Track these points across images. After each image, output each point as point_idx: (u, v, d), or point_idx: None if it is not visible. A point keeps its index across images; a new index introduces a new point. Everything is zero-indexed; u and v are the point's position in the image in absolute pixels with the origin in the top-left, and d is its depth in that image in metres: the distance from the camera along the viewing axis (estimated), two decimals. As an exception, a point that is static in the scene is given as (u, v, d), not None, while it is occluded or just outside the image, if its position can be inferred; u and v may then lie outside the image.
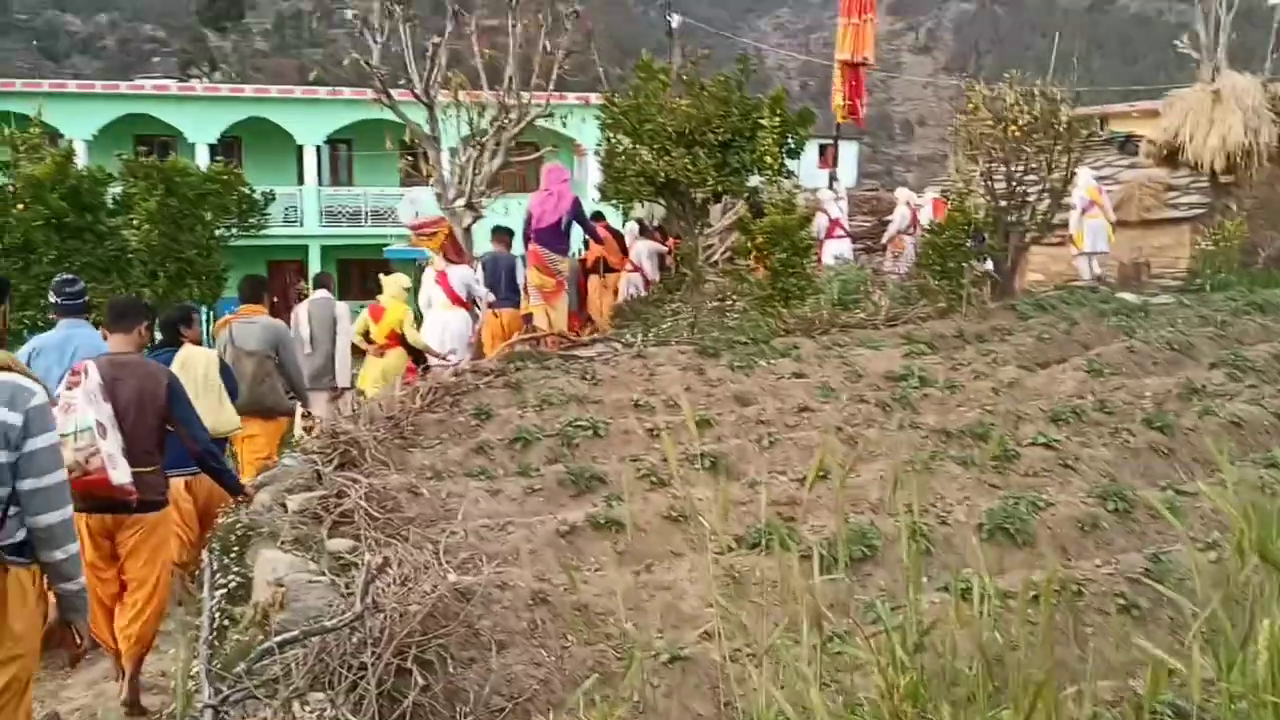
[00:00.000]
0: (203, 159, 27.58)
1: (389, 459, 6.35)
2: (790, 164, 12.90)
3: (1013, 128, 11.34)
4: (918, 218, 15.61)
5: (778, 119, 11.75)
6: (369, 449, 6.32)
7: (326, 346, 9.31)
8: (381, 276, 10.10)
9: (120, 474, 4.83)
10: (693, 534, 5.25)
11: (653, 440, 6.88)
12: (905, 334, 9.87)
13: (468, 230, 14.95)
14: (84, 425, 4.75)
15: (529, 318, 11.58)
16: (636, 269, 13.77)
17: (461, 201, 15.08)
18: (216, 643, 3.99)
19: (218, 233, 17.44)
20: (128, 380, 5.16)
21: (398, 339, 9.70)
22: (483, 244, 14.58)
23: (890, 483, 5.58)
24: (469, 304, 10.34)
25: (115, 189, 15.51)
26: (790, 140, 12.69)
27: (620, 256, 12.70)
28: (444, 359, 9.75)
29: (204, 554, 4.65)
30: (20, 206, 13.46)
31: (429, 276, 10.32)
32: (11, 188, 13.72)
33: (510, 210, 16.43)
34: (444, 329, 10.08)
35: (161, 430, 5.29)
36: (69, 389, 4.90)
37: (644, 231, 15.89)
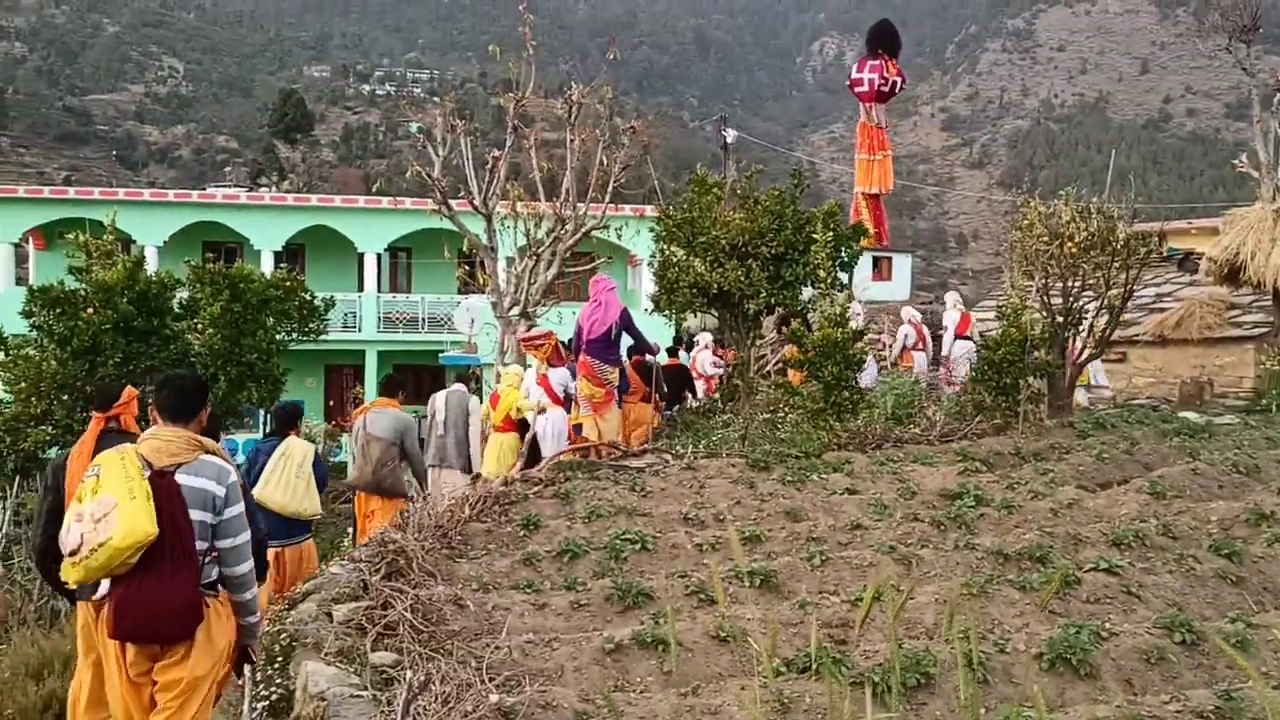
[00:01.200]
0: (267, 265, 28.30)
1: (436, 569, 6.31)
2: (843, 277, 12.97)
3: (1069, 244, 11.30)
4: (924, 334, 15.64)
5: (831, 233, 11.83)
6: (416, 558, 6.29)
7: (459, 431, 10.68)
8: (500, 368, 12.01)
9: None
10: (741, 655, 5.12)
11: (702, 555, 6.78)
12: (960, 450, 9.71)
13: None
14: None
15: (578, 428, 11.59)
16: (701, 377, 14.09)
17: (516, 310, 15.29)
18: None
19: (278, 337, 17.74)
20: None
21: (513, 424, 11.19)
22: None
23: (946, 607, 5.42)
24: (564, 402, 11.34)
25: (182, 294, 15.90)
26: (844, 253, 12.76)
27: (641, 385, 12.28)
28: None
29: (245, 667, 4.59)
30: (90, 310, 13.82)
31: (531, 378, 11.47)
32: (83, 292, 14.10)
33: (564, 319, 16.59)
34: (547, 423, 11.15)
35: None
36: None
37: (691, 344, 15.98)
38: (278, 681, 4.71)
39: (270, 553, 7.03)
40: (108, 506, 4.26)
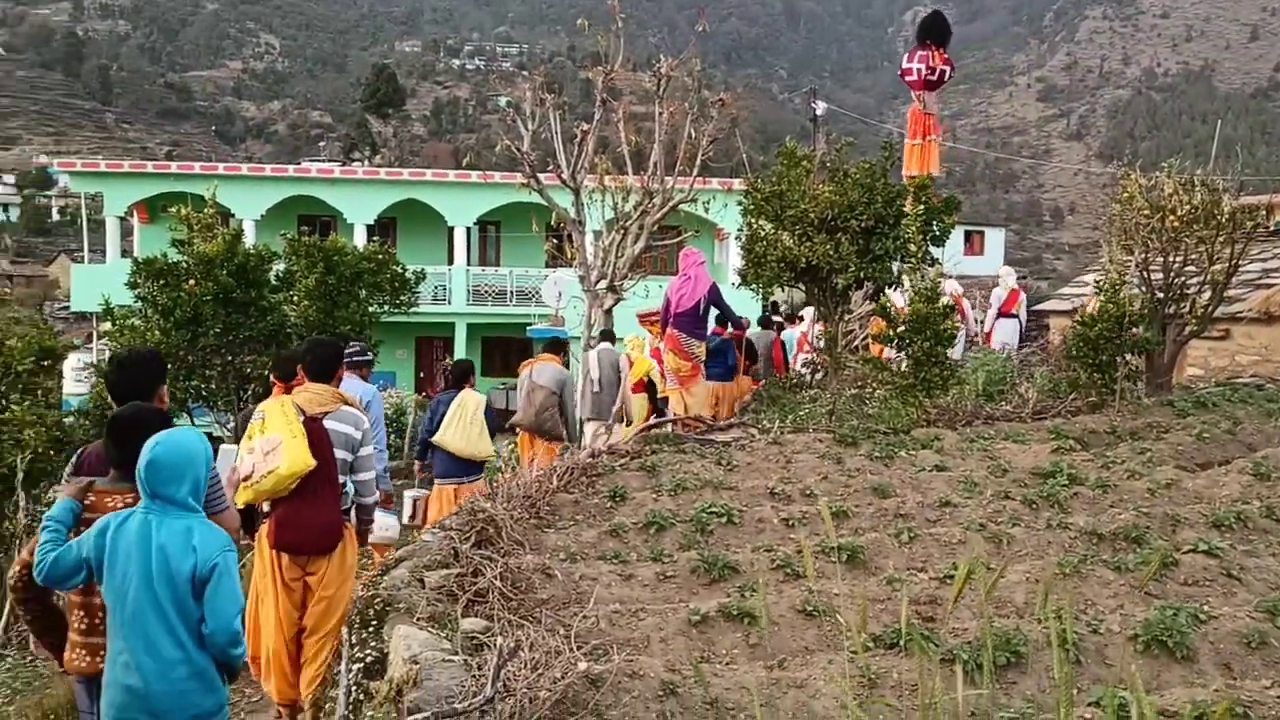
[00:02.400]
0: (360, 238, 28.82)
1: (524, 539, 6.41)
2: (934, 251, 12.75)
3: (1171, 218, 10.96)
4: (964, 308, 15.47)
5: (922, 206, 11.63)
6: (505, 528, 6.38)
7: (612, 389, 11.53)
8: (634, 337, 13.01)
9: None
10: (828, 630, 5.12)
11: (788, 530, 6.77)
12: (1054, 428, 9.52)
13: (609, 312, 15.18)
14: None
15: (665, 401, 11.63)
16: (813, 350, 14.22)
17: (604, 284, 15.35)
18: (352, 718, 4.04)
19: (371, 309, 18.09)
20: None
21: (643, 385, 12.50)
22: (622, 325, 14.78)
23: (1037, 586, 5.35)
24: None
25: (278, 266, 16.26)
26: (935, 227, 12.54)
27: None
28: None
29: (343, 629, 4.83)
30: (191, 282, 14.23)
31: (646, 349, 12.60)
32: (185, 264, 14.51)
33: (651, 293, 16.63)
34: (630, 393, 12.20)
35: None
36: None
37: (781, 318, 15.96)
38: (372, 644, 4.83)
39: (450, 489, 8.80)
40: (275, 443, 5.18)
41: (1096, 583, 5.53)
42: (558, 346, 11.39)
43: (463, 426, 8.90)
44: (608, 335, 12.48)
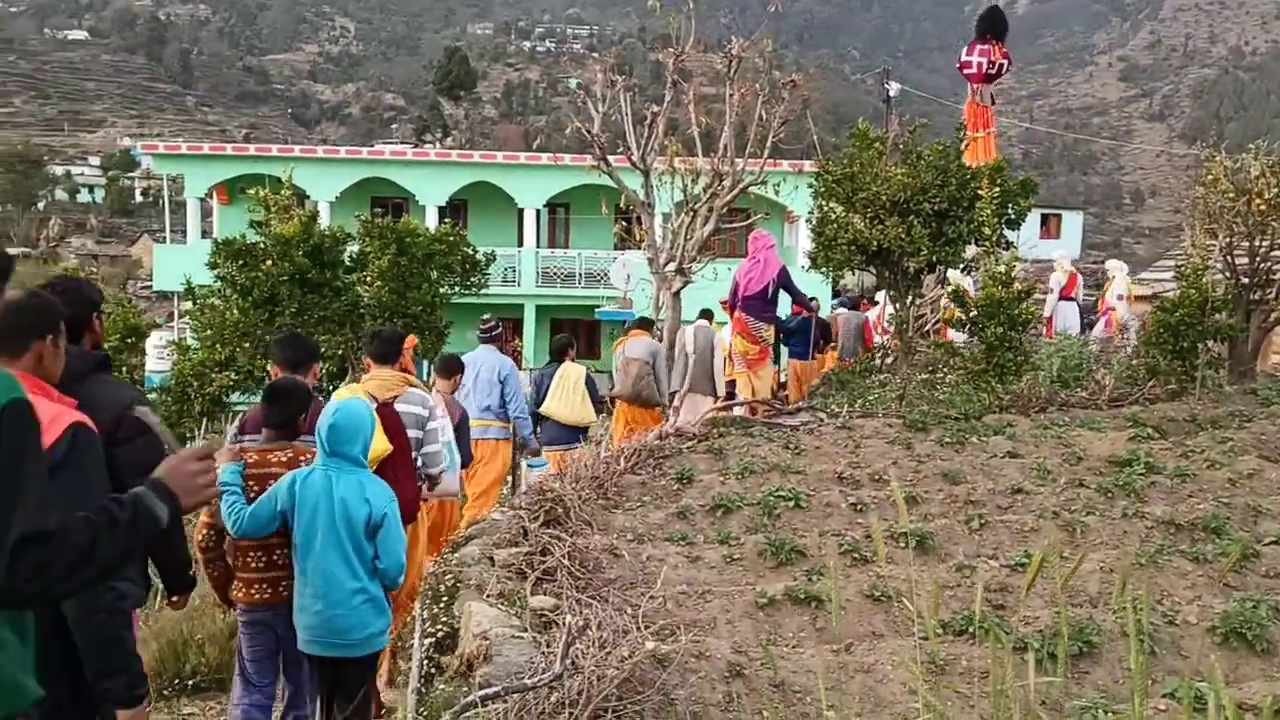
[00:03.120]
0: (431, 220, 29.12)
1: (592, 519, 6.46)
2: (1009, 234, 12.54)
3: (1257, 201, 10.65)
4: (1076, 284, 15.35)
5: (997, 188, 11.44)
6: (574, 508, 6.44)
7: (706, 363, 11.73)
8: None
9: None
10: (895, 615, 5.09)
11: (856, 515, 6.73)
12: (1131, 416, 9.32)
13: (677, 294, 15.17)
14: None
15: (732, 384, 11.61)
16: (887, 333, 14.19)
17: (672, 266, 15.33)
18: (424, 690, 4.12)
19: (442, 291, 18.27)
20: None
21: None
22: (690, 308, 14.75)
23: (1111, 575, 5.26)
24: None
25: (352, 248, 16.50)
26: (1010, 210, 12.32)
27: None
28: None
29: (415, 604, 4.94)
30: (269, 263, 14.50)
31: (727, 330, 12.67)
32: (263, 245, 14.79)
33: (720, 275, 16.59)
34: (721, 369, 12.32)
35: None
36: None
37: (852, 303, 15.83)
38: (443, 619, 4.92)
39: (557, 454, 9.33)
40: None
41: (1173, 573, 5.43)
42: (647, 324, 11.78)
43: (566, 396, 9.72)
44: (707, 314, 12.78)
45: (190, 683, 6.52)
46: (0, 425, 2.25)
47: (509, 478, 9.86)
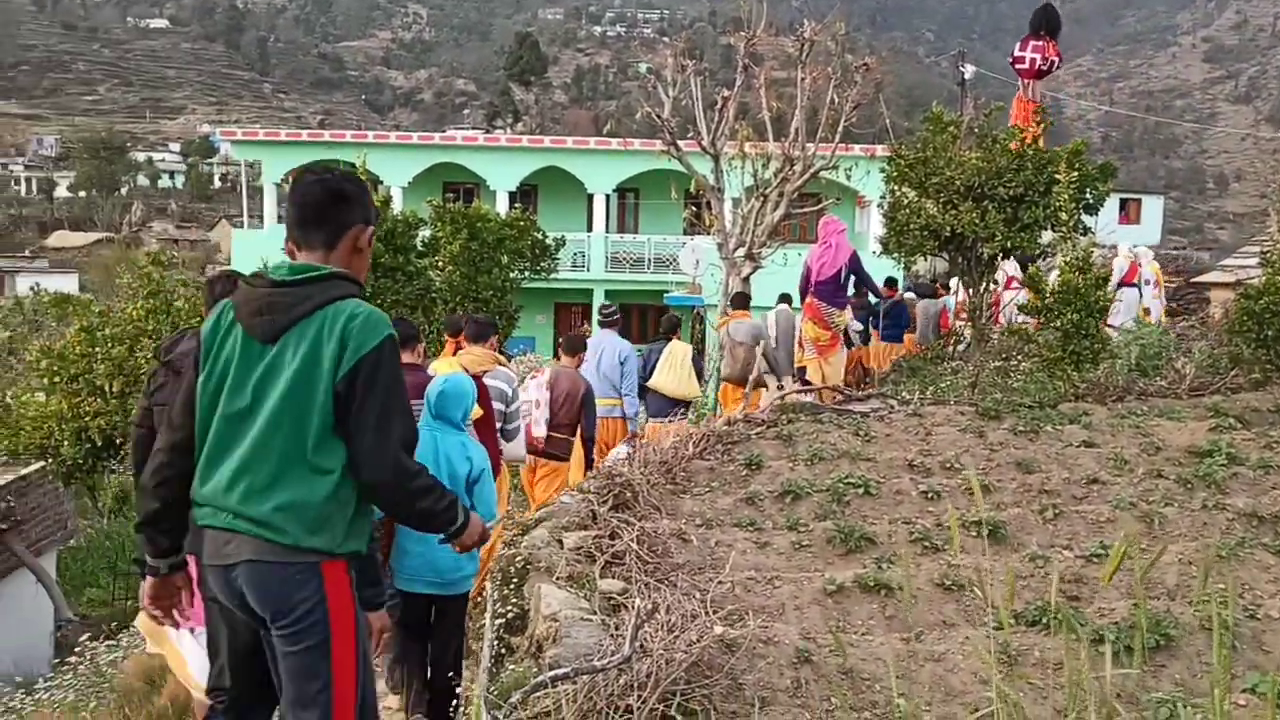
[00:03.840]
0: (502, 205, 29.32)
1: (660, 504, 6.48)
2: (1087, 220, 12.29)
3: (1348, 185, 10.31)
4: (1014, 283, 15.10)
5: (1075, 173, 11.21)
6: (642, 492, 6.46)
7: (787, 346, 11.98)
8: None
9: (538, 430, 8.12)
10: (966, 605, 5.04)
11: (926, 502, 6.67)
12: (1212, 405, 9.10)
13: (746, 280, 15.12)
14: (528, 399, 8.00)
15: (803, 370, 11.55)
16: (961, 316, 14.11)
17: (742, 251, 15.28)
18: (494, 670, 4.17)
19: (512, 275, 18.41)
20: (561, 381, 8.41)
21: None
22: (759, 293, 14.69)
23: (1190, 568, 5.16)
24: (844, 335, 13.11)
25: (424, 232, 16.69)
26: (1088, 195, 12.07)
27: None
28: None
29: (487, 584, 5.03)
30: (343, 247, 14.73)
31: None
32: (337, 230, 15.02)
33: (790, 261, 16.49)
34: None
35: (578, 414, 8.36)
36: (533, 378, 8.56)
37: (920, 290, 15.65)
38: (513, 601, 4.97)
39: (657, 425, 9.72)
40: None
41: (1255, 566, 5.30)
42: (746, 302, 11.99)
43: (673, 371, 10.30)
44: (786, 298, 12.88)
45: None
46: (383, 352, 2.97)
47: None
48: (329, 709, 2.92)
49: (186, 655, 4.55)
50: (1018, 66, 16.37)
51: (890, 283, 15.24)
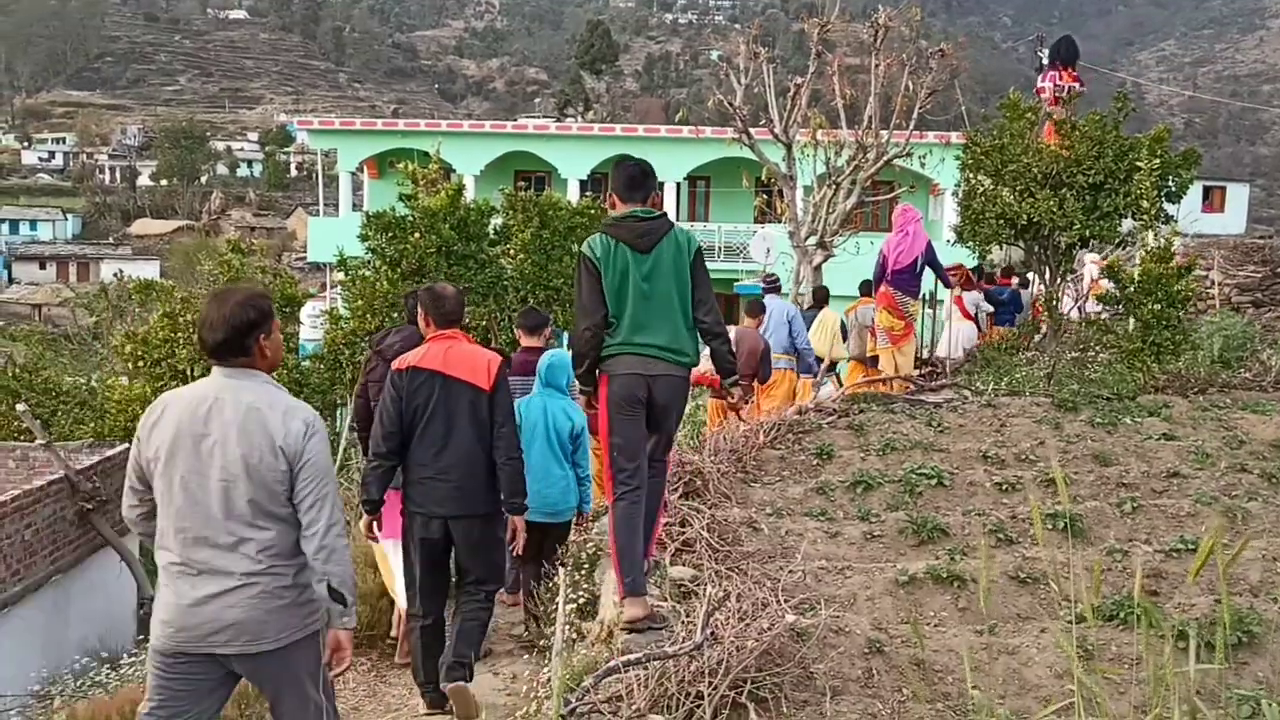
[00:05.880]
0: (573, 193, 29.41)
1: (730, 492, 6.49)
2: (1169, 208, 12.00)
3: None
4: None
5: (1157, 160, 10.95)
6: (712, 480, 6.48)
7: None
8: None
9: None
10: (1042, 598, 4.98)
11: (1001, 495, 6.59)
12: (1299, 399, 8.88)
13: (818, 268, 15.02)
14: None
15: (874, 360, 11.46)
16: (969, 318, 13.83)
17: (814, 240, 15.18)
18: (566, 655, 4.22)
19: (582, 263, 18.42)
20: (745, 340, 9.24)
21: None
22: (832, 281, 14.57)
23: (1276, 564, 5.04)
24: (974, 319, 13.98)
25: (496, 220, 16.80)
26: (1170, 183, 11.78)
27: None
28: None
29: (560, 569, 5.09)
30: (417, 235, 14.89)
31: (948, 298, 13.70)
32: (411, 218, 15.19)
33: (862, 249, 16.33)
34: (958, 335, 13.43)
35: (758, 366, 9.42)
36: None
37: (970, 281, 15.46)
38: (584, 586, 5.03)
39: (809, 381, 10.92)
40: None
41: (1343, 565, 5.17)
42: (870, 288, 12.15)
43: (825, 335, 11.75)
44: (864, 291, 13.05)
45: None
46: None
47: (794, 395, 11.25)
48: None
49: (394, 570, 5.69)
50: (1040, 97, 16.69)
51: (1006, 272, 15.82)
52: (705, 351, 5.16)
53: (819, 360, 11.58)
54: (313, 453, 3.38)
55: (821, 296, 12.75)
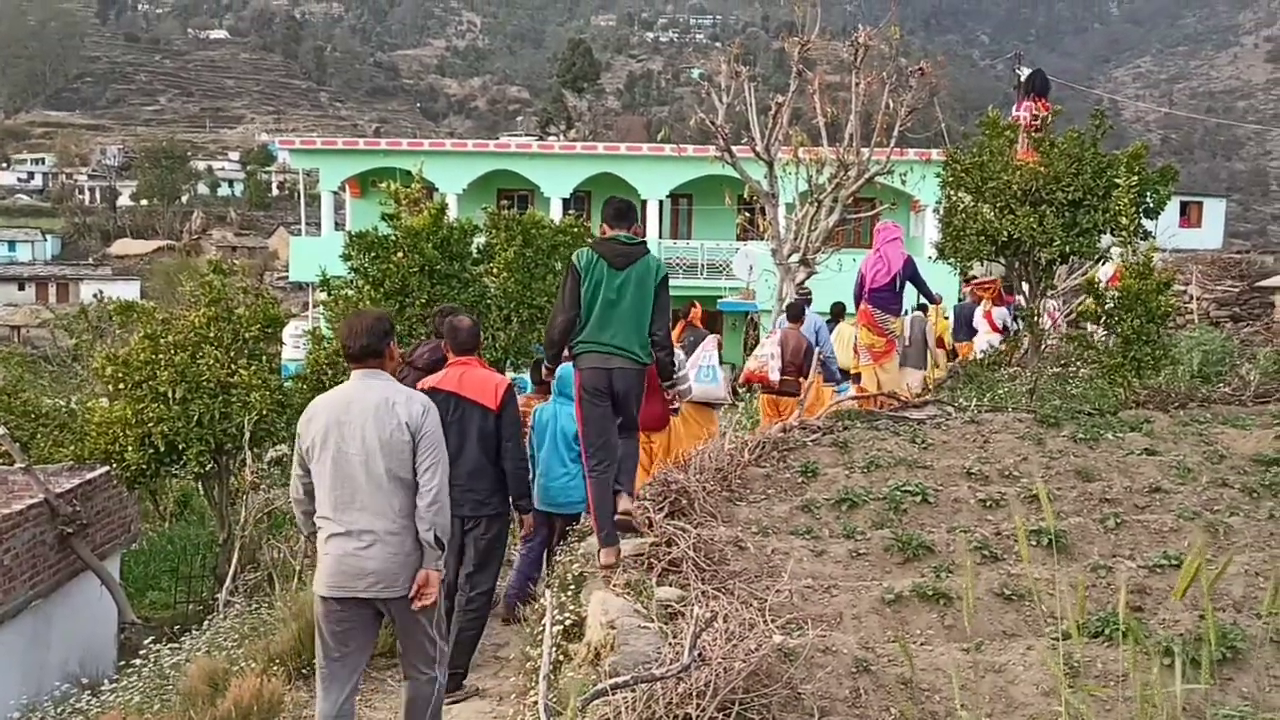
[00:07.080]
0: (556, 212, 29.43)
1: (716, 511, 6.48)
2: (1147, 224, 12.09)
3: None
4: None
5: (1135, 176, 11.05)
6: (698, 499, 6.47)
7: (918, 344, 13.01)
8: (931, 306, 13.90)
9: (773, 375, 10.44)
10: (1027, 615, 5.00)
11: (985, 511, 6.61)
12: (1278, 412, 8.94)
13: (801, 285, 15.06)
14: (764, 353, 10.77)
15: (857, 378, 11.49)
16: (998, 331, 14.03)
17: (796, 257, 15.25)
18: (553, 677, 4.20)
19: (565, 282, 18.40)
20: (789, 340, 10.76)
21: (942, 342, 14.44)
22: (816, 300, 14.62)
23: (1258, 580, 5.07)
24: (1004, 331, 14.41)
25: (479, 239, 16.78)
26: (1149, 199, 11.89)
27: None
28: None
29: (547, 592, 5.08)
30: (400, 254, 14.84)
31: (979, 312, 14.61)
32: (394, 237, 15.15)
33: (844, 266, 16.40)
34: (988, 348, 13.88)
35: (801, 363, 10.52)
36: (769, 337, 11.02)
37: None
38: (571, 608, 5.01)
39: (830, 390, 11.50)
40: None
41: (1325, 579, 5.19)
42: (803, 310, 12.77)
43: (842, 348, 12.17)
44: (921, 305, 13.90)
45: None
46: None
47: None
48: None
49: None
50: (1017, 124, 17.10)
51: (1008, 289, 15.99)
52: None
53: (843, 374, 12.31)
54: (429, 427, 4.39)
55: (837, 311, 13.57)
